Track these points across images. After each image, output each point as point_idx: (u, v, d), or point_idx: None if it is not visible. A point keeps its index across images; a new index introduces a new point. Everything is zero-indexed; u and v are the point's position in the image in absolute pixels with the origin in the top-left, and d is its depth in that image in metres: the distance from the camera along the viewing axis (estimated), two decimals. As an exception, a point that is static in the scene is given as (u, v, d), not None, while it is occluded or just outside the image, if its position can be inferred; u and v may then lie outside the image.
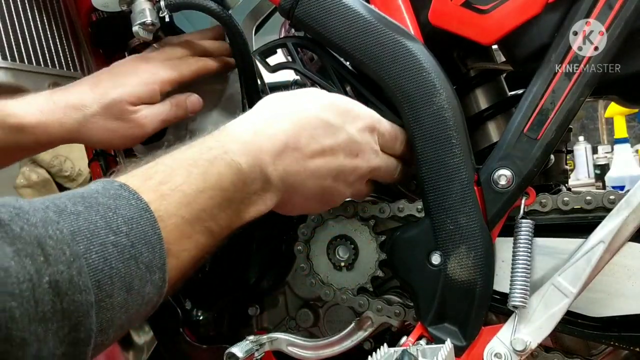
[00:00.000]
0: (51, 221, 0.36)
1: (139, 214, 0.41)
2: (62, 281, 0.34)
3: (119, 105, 0.72)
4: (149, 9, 0.77)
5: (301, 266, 0.72)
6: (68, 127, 0.70)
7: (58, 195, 0.40)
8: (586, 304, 0.60)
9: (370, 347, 0.77)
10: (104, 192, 0.41)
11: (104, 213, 0.39)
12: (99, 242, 0.38)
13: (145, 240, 0.41)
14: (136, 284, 0.39)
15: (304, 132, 0.54)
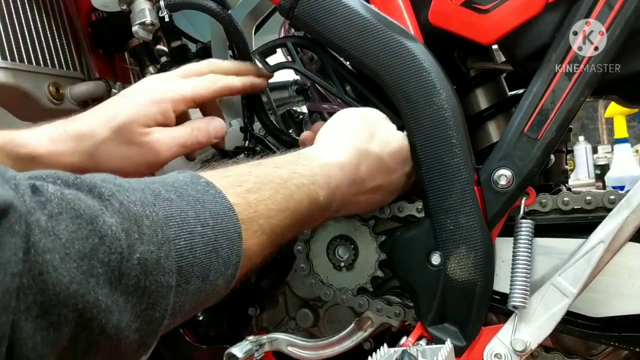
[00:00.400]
0: (149, 202, 0.38)
1: (224, 211, 0.44)
2: (150, 260, 0.35)
3: (129, 127, 0.65)
4: (148, 9, 0.77)
5: (301, 266, 0.72)
6: (79, 156, 0.65)
7: (149, 180, 0.41)
8: (586, 304, 0.60)
9: (370, 347, 0.77)
10: (193, 186, 0.43)
11: (193, 204, 0.41)
12: (188, 230, 0.40)
13: (227, 236, 0.43)
14: (212, 275, 0.42)
15: (371, 173, 0.60)
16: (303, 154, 0.56)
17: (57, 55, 0.94)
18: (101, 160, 0.66)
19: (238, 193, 0.46)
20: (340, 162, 0.57)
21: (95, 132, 0.66)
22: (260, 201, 0.48)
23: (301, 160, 0.55)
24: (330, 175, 0.56)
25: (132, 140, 0.65)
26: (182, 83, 0.69)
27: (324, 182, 0.54)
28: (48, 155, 0.65)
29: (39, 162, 0.65)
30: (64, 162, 0.65)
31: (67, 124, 0.67)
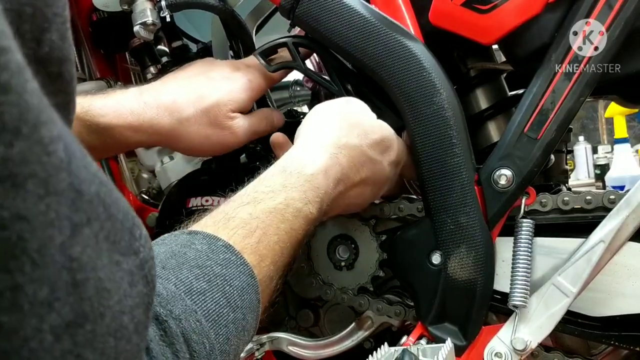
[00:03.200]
0: (190, 311, 0.37)
1: (247, 281, 0.43)
2: None
3: (217, 111, 0.67)
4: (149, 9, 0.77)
5: (302, 266, 0.72)
6: (159, 129, 0.66)
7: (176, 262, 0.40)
8: (586, 303, 0.60)
9: (371, 346, 0.77)
10: (214, 257, 0.42)
11: (222, 287, 0.41)
12: (224, 323, 0.39)
13: (251, 309, 0.43)
14: (240, 349, 0.42)
15: (354, 168, 0.59)
16: (289, 172, 0.54)
17: (58, 55, 0.94)
18: (180, 136, 0.67)
19: (251, 248, 0.46)
20: (323, 167, 0.56)
21: (180, 108, 0.67)
22: (269, 249, 0.47)
23: (291, 181, 0.53)
24: (318, 185, 0.55)
25: (217, 122, 0.68)
26: (260, 75, 0.72)
27: (313, 195, 0.54)
28: (128, 127, 0.65)
29: (116, 134, 0.65)
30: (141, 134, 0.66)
31: (145, 96, 0.67)
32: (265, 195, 0.51)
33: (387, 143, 0.62)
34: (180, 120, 0.67)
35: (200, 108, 0.67)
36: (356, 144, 0.59)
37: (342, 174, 0.57)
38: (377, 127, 0.62)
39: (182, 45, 0.90)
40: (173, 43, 0.89)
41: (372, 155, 0.60)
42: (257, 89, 0.72)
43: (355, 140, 0.59)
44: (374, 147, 0.60)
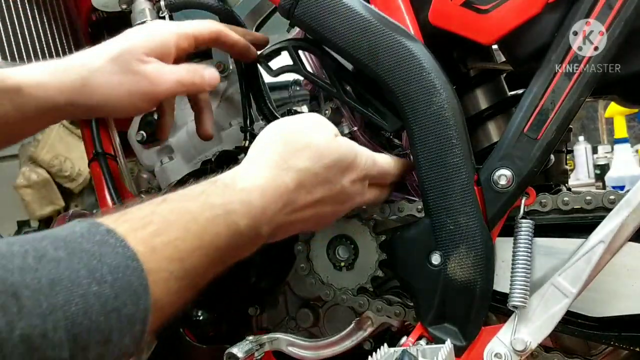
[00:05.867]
0: (29, 268, 0.34)
1: (126, 263, 0.39)
2: (34, 336, 0.32)
3: (126, 56, 0.63)
4: (148, 9, 0.77)
5: (301, 266, 0.72)
6: (69, 85, 0.62)
7: (40, 236, 0.37)
8: (586, 304, 0.60)
9: (370, 347, 0.77)
10: (89, 237, 0.39)
11: (87, 261, 0.37)
12: (80, 292, 0.35)
13: (130, 291, 0.39)
14: (115, 336, 0.38)
15: (303, 190, 0.55)
16: (217, 182, 0.51)
17: (58, 55, 0.94)
18: (93, 89, 0.63)
19: (141, 238, 0.41)
20: (260, 184, 0.52)
21: (87, 62, 0.64)
22: (167, 244, 0.43)
23: (214, 189, 0.50)
24: (250, 201, 0.50)
25: (128, 68, 0.63)
26: (183, 22, 0.68)
27: (242, 209, 0.49)
28: (36, 86, 0.61)
29: (26, 94, 0.61)
30: (52, 93, 0.62)
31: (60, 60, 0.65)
32: (178, 197, 0.48)
33: (346, 163, 0.58)
34: (89, 71, 0.63)
35: (108, 57, 0.64)
36: (307, 167, 0.55)
37: (287, 197, 0.54)
38: (333, 148, 0.58)
39: (181, 45, 0.90)
40: (172, 43, 0.89)
41: (327, 176, 0.57)
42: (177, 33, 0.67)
43: (305, 163, 0.55)
44: (329, 169, 0.57)
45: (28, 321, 0.32)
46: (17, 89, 0.60)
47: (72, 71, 0.63)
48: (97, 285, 0.36)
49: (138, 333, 0.40)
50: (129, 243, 0.40)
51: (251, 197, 0.50)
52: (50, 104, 0.62)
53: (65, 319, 0.34)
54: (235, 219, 0.48)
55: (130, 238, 0.41)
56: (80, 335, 0.35)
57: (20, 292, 0.32)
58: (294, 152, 0.56)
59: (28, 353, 0.32)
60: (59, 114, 0.65)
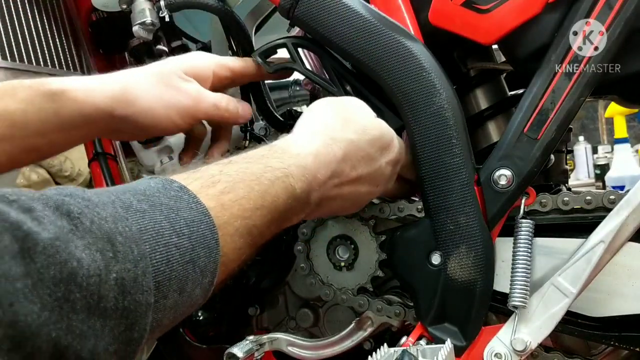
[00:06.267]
0: (120, 217, 0.36)
1: (199, 217, 0.42)
2: (127, 279, 0.34)
3: (167, 71, 0.66)
4: (148, 9, 0.77)
5: (301, 266, 0.72)
6: (110, 92, 0.63)
7: (120, 189, 0.39)
8: (586, 304, 0.60)
9: (370, 347, 0.77)
10: (165, 192, 0.41)
11: (167, 213, 0.39)
12: (163, 242, 0.38)
13: (204, 244, 0.41)
14: (189, 286, 0.40)
15: (349, 162, 0.57)
16: (274, 146, 0.54)
17: (58, 55, 0.94)
18: (134, 98, 0.64)
19: (212, 195, 0.44)
20: (313, 150, 0.54)
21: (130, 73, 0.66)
22: (235, 201, 0.45)
23: (273, 153, 0.52)
24: (305, 165, 0.53)
25: (169, 82, 0.66)
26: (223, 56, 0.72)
27: (298, 173, 0.52)
28: (80, 89, 0.62)
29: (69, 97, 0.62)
30: (94, 97, 0.63)
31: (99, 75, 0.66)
32: (242, 159, 0.50)
33: (386, 141, 0.61)
34: (131, 81, 0.65)
35: (150, 72, 0.66)
36: (353, 139, 0.58)
37: (336, 166, 0.56)
38: (376, 125, 0.61)
39: (181, 45, 0.90)
40: (172, 43, 0.89)
41: (370, 152, 0.59)
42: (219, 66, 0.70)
43: (352, 135, 0.58)
44: (372, 144, 0.59)
45: (123, 265, 0.34)
46: (61, 91, 0.61)
47: (115, 80, 0.65)
48: (177, 237, 0.39)
49: (207, 285, 0.42)
50: (200, 199, 0.42)
51: (306, 162, 0.53)
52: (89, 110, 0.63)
53: (152, 266, 0.36)
54: (292, 182, 0.51)
55: (202, 195, 0.43)
56: (162, 282, 0.37)
57: (114, 237, 0.34)
58: (342, 124, 0.59)
59: (121, 295, 0.33)
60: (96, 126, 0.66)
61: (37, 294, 0.29)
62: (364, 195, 0.62)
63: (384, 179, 0.62)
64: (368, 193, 0.62)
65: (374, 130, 0.60)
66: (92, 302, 0.31)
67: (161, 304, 0.37)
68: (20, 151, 0.62)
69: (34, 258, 0.29)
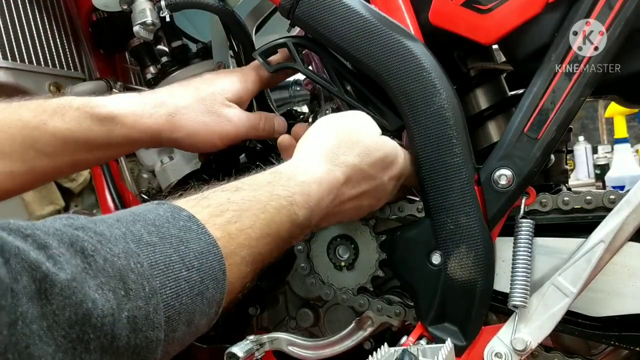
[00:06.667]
0: (132, 253, 0.36)
1: (208, 249, 0.42)
2: (139, 317, 0.34)
3: (212, 98, 0.70)
4: (149, 9, 0.77)
5: (301, 266, 0.72)
6: (157, 119, 0.67)
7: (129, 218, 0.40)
8: (586, 303, 0.60)
9: (371, 346, 0.77)
10: (174, 222, 0.42)
11: (177, 246, 0.40)
12: (174, 276, 0.38)
13: (212, 276, 0.42)
14: (196, 318, 0.41)
15: (350, 184, 0.59)
16: (280, 173, 0.55)
17: (58, 55, 0.94)
18: (178, 124, 0.68)
19: (219, 225, 0.45)
20: (317, 178, 0.55)
21: (178, 98, 0.69)
22: (241, 231, 0.46)
23: (278, 180, 0.53)
24: (309, 193, 0.54)
25: (214, 110, 0.70)
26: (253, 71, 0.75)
27: (302, 200, 0.53)
28: (128, 115, 0.66)
29: (118, 122, 0.65)
30: (142, 122, 0.66)
31: (144, 96, 0.69)
32: (248, 187, 0.51)
33: (389, 160, 0.62)
34: (177, 108, 0.68)
35: (196, 97, 0.70)
36: (355, 163, 0.59)
37: (338, 190, 0.57)
38: (380, 144, 0.62)
39: (181, 45, 0.90)
40: (173, 43, 0.89)
41: (371, 173, 0.60)
42: (253, 83, 0.74)
43: (354, 159, 0.59)
44: (374, 166, 0.60)
45: (135, 303, 0.34)
46: (110, 118, 0.65)
47: (163, 106, 0.68)
48: (186, 271, 0.39)
49: (213, 315, 0.43)
50: (209, 229, 0.43)
51: (310, 189, 0.54)
52: (137, 134, 0.67)
53: (163, 301, 0.36)
54: (296, 209, 0.52)
55: (210, 224, 0.44)
56: (172, 317, 0.37)
57: (126, 275, 0.34)
58: (345, 148, 0.59)
59: (133, 333, 0.34)
60: (142, 144, 0.70)
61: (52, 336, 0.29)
62: (365, 208, 0.64)
63: (386, 194, 0.64)
64: (369, 206, 0.64)
65: (377, 152, 0.61)
66: (105, 342, 0.32)
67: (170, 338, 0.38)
68: (68, 165, 0.66)
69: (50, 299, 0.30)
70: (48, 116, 0.63)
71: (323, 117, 0.64)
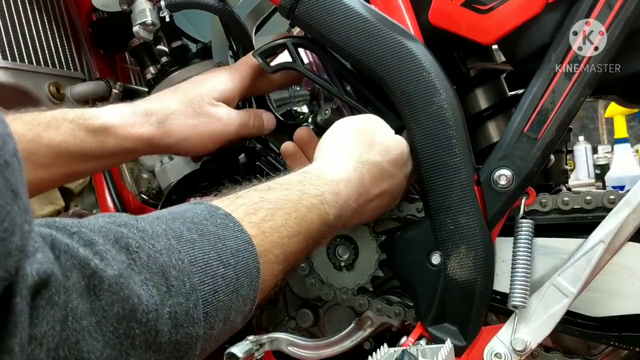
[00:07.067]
0: (174, 249, 0.37)
1: (244, 246, 0.43)
2: (180, 313, 0.35)
3: (199, 100, 0.71)
4: (149, 9, 0.77)
5: (301, 266, 0.72)
6: (148, 127, 0.69)
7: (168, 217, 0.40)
8: (586, 303, 0.60)
9: (370, 347, 0.77)
10: (212, 220, 0.43)
11: (214, 243, 0.40)
12: (212, 273, 0.39)
13: (247, 273, 0.43)
14: (232, 315, 0.41)
15: (374, 183, 0.60)
16: (310, 173, 0.56)
17: (58, 55, 0.94)
18: (169, 130, 0.70)
19: (254, 223, 0.46)
20: (345, 177, 0.56)
21: (167, 105, 0.70)
22: (274, 229, 0.47)
23: (309, 179, 0.54)
24: (338, 192, 0.55)
25: (202, 110, 0.71)
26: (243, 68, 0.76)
27: (332, 199, 0.54)
28: (120, 125, 0.68)
29: (110, 133, 0.67)
30: (134, 132, 0.68)
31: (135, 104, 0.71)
32: (280, 186, 0.52)
33: (405, 157, 0.64)
34: (166, 114, 0.70)
35: (184, 101, 0.71)
36: (378, 161, 0.60)
37: (363, 188, 0.58)
38: (397, 143, 0.63)
39: (181, 45, 0.90)
40: (172, 43, 0.89)
41: (391, 170, 0.62)
42: (242, 79, 0.74)
43: (377, 157, 0.60)
44: (393, 163, 0.62)
45: (176, 299, 0.35)
46: (103, 129, 0.67)
47: (153, 115, 0.70)
48: (223, 268, 0.40)
49: (247, 312, 0.44)
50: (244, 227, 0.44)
51: (339, 188, 0.55)
52: (130, 144, 0.69)
53: (202, 298, 0.37)
54: (326, 208, 0.53)
55: (245, 222, 0.44)
56: (210, 313, 0.38)
57: (168, 272, 0.35)
58: (368, 147, 0.60)
59: (175, 329, 0.34)
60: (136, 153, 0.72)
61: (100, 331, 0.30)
62: (384, 206, 0.65)
63: (401, 191, 0.66)
64: (387, 205, 0.65)
65: (395, 150, 0.62)
66: (149, 338, 0.33)
67: (208, 334, 0.38)
68: (62, 176, 0.68)
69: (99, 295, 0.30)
70: (43, 129, 0.65)
71: (339, 121, 0.64)
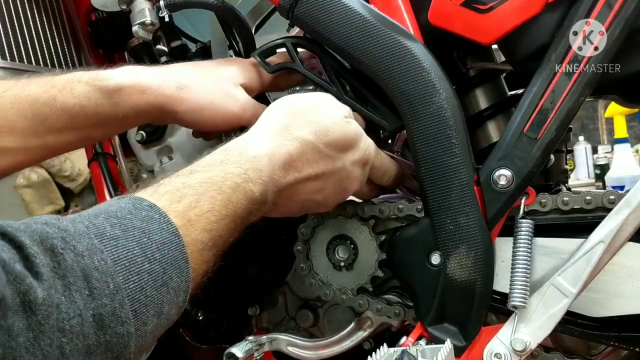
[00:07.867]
0: (96, 250, 0.37)
1: (170, 238, 0.43)
2: (105, 314, 0.35)
3: (223, 77, 0.70)
4: (148, 9, 0.77)
5: (301, 266, 0.72)
6: (164, 90, 0.66)
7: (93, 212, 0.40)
8: (586, 304, 0.60)
9: (370, 347, 0.77)
10: (137, 213, 0.42)
11: (139, 238, 0.40)
12: (136, 270, 0.39)
13: (175, 265, 0.42)
14: (165, 308, 0.41)
15: (305, 161, 0.58)
16: (231, 150, 0.54)
17: (57, 55, 0.94)
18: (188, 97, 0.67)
19: (179, 212, 0.45)
20: (268, 152, 0.55)
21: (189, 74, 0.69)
22: (201, 216, 0.46)
23: (230, 157, 0.53)
24: (261, 168, 0.53)
25: (223, 88, 0.69)
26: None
27: (255, 176, 0.53)
28: (136, 85, 0.66)
29: (125, 94, 0.65)
30: (149, 94, 0.66)
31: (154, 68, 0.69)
32: (202, 168, 0.51)
33: (348, 141, 0.61)
34: (186, 82, 0.68)
35: (207, 75, 0.69)
36: (311, 140, 0.58)
37: (291, 166, 0.56)
38: (339, 125, 0.60)
39: (181, 45, 0.90)
40: (172, 43, 0.89)
41: (329, 153, 0.59)
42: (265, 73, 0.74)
43: (309, 136, 0.58)
44: (331, 146, 0.59)
45: (99, 301, 0.35)
46: (117, 91, 0.65)
47: (173, 80, 0.68)
48: (148, 263, 0.40)
49: (182, 303, 0.44)
50: (170, 218, 0.43)
51: (262, 164, 0.54)
52: (145, 106, 0.67)
53: (128, 296, 0.37)
54: (251, 186, 0.52)
55: (170, 212, 0.44)
56: (139, 310, 0.38)
57: (90, 274, 0.35)
58: (301, 125, 0.58)
59: (102, 330, 0.34)
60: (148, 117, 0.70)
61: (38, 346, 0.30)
62: (331, 194, 0.62)
63: (351, 180, 0.63)
64: (335, 191, 0.62)
65: (336, 132, 0.60)
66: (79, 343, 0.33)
67: (142, 331, 0.38)
68: (78, 139, 0.67)
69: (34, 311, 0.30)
70: (57, 91, 0.63)
71: (285, 97, 0.63)
